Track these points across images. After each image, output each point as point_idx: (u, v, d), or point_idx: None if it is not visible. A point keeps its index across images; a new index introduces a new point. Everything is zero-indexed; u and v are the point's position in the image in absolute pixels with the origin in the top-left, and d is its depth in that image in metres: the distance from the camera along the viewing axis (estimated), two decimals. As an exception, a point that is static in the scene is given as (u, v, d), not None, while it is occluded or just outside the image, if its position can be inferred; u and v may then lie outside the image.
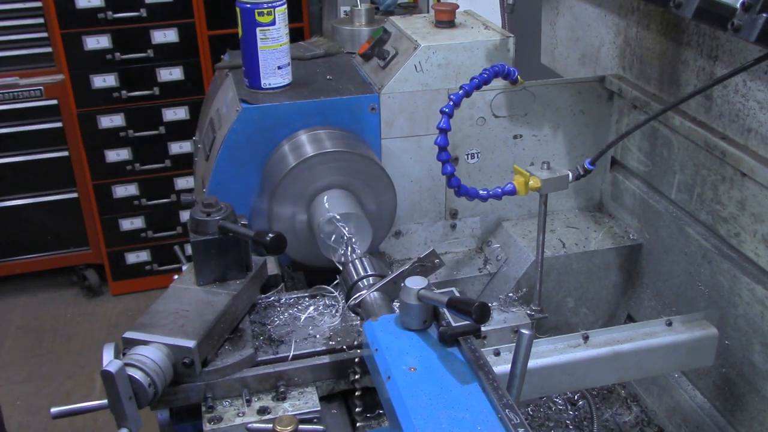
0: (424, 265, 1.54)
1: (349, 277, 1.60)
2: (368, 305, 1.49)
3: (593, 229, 2.11)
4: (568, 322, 2.07)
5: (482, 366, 1.23)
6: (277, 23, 1.93)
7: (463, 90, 1.70)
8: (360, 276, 1.57)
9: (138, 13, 4.10)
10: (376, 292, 1.51)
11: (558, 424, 1.84)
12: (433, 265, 1.54)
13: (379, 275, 1.57)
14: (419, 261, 1.53)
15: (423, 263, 1.54)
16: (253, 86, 1.99)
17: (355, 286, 1.56)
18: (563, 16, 2.39)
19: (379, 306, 1.47)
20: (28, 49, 4.18)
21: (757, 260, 1.58)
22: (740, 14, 1.29)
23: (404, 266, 1.53)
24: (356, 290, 1.55)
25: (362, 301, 1.50)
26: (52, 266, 4.59)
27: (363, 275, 1.58)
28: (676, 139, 1.82)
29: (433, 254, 1.54)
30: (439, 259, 1.55)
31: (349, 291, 1.57)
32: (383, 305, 1.48)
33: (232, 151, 1.93)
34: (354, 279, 1.58)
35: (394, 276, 1.51)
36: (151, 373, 1.37)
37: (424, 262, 1.54)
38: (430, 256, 1.54)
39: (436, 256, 1.54)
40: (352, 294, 1.55)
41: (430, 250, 1.55)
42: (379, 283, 1.52)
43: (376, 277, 1.56)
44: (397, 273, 1.51)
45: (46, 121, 4.23)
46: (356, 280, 1.57)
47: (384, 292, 1.51)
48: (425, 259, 1.54)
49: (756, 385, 1.61)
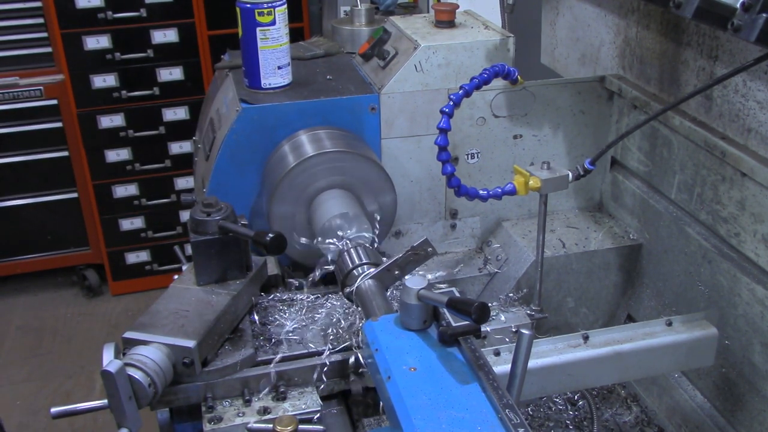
0: (417, 253, 1.57)
1: (344, 265, 1.62)
2: (363, 293, 1.52)
3: (593, 229, 2.11)
4: (568, 322, 2.07)
5: (482, 366, 1.23)
6: (277, 23, 1.93)
7: (463, 90, 1.70)
8: (355, 264, 1.60)
9: (138, 13, 4.10)
10: (371, 280, 1.54)
11: (558, 424, 1.84)
12: (426, 253, 1.57)
13: (373, 263, 1.60)
14: (412, 249, 1.56)
15: (416, 251, 1.56)
16: (253, 86, 1.99)
17: (350, 274, 1.59)
18: (563, 16, 2.39)
19: (373, 293, 1.51)
20: (28, 49, 4.18)
21: (757, 260, 1.58)
22: (740, 14, 1.29)
23: (398, 255, 1.56)
24: (351, 278, 1.58)
25: (357, 289, 1.54)
26: (52, 266, 4.59)
27: (358, 263, 1.60)
28: (676, 139, 1.82)
29: (426, 243, 1.57)
30: (432, 248, 1.58)
31: (344, 279, 1.60)
32: (377, 293, 1.52)
33: (232, 151, 1.93)
34: (349, 267, 1.60)
35: (388, 264, 1.55)
36: (151, 373, 1.37)
37: (417, 250, 1.57)
38: (423, 245, 1.57)
39: (428, 244, 1.57)
40: (347, 282, 1.58)
41: (423, 239, 1.57)
42: (374, 271, 1.55)
43: (371, 266, 1.59)
44: (391, 261, 1.55)
45: (46, 121, 4.23)
46: (351, 269, 1.60)
47: (378, 280, 1.55)
48: (418, 247, 1.57)
49: (756, 385, 1.61)
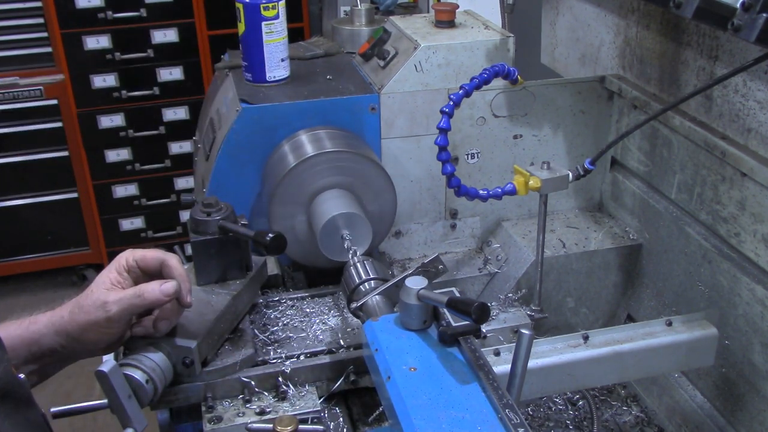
0: (427, 270, 1.51)
1: (350, 280, 1.56)
2: (370, 309, 1.47)
3: (593, 229, 2.11)
4: (568, 322, 2.07)
5: (482, 366, 1.23)
6: (280, 16, 1.98)
7: (463, 90, 1.70)
8: (362, 279, 1.54)
9: (138, 13, 4.10)
10: (378, 296, 1.48)
11: (558, 424, 1.84)
12: (436, 270, 1.52)
13: (381, 279, 1.54)
14: (423, 267, 1.51)
15: (426, 269, 1.51)
16: (258, 80, 2.02)
17: (356, 289, 1.53)
18: (563, 16, 2.39)
19: (381, 310, 1.46)
20: (28, 49, 4.18)
21: (757, 260, 1.58)
22: (740, 14, 1.29)
23: (407, 271, 1.49)
24: (358, 294, 1.52)
25: (364, 305, 1.48)
26: (52, 266, 4.59)
27: (365, 278, 1.54)
28: (676, 139, 1.82)
29: (437, 260, 1.52)
30: (443, 265, 1.52)
31: (351, 294, 1.54)
32: (385, 309, 1.46)
33: (232, 151, 1.93)
34: (356, 282, 1.54)
35: (396, 280, 1.48)
36: (149, 371, 1.37)
37: (428, 267, 1.51)
38: (434, 262, 1.51)
39: (440, 262, 1.52)
40: (353, 297, 1.53)
41: (434, 255, 1.52)
42: (382, 287, 1.49)
43: (378, 281, 1.53)
44: (400, 277, 1.46)
45: (46, 121, 4.24)
46: (358, 284, 1.54)
47: (386, 296, 1.49)
48: (429, 264, 1.51)
49: (756, 385, 1.61)
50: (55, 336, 1.38)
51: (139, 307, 1.38)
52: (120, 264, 1.43)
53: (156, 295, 1.36)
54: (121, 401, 1.30)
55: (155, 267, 1.43)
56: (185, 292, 1.40)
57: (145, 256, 1.43)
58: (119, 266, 1.43)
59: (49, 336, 1.38)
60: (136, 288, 1.38)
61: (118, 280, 1.41)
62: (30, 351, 1.39)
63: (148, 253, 1.44)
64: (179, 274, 1.41)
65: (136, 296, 1.36)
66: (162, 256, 1.43)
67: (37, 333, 1.38)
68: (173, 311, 1.42)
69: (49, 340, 1.38)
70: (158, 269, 1.43)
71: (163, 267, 1.42)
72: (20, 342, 1.36)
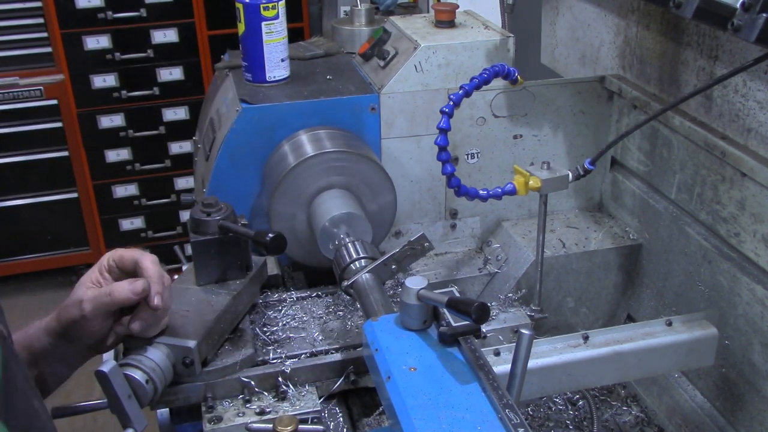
0: (414, 248, 1.57)
1: (341, 259, 1.63)
2: (360, 287, 1.53)
3: (593, 229, 2.11)
4: (568, 322, 2.07)
5: (482, 366, 1.23)
6: (280, 17, 1.99)
7: (463, 90, 1.70)
8: (352, 258, 1.61)
9: (138, 13, 4.11)
10: (368, 274, 1.55)
11: (558, 424, 1.84)
12: (422, 248, 1.58)
13: (370, 257, 1.61)
14: (409, 244, 1.57)
15: (413, 246, 1.57)
16: (258, 80, 2.02)
17: (347, 268, 1.60)
18: (563, 16, 2.39)
19: (371, 287, 1.52)
20: (28, 49, 4.18)
21: (757, 260, 1.58)
22: (740, 14, 1.29)
23: (395, 249, 1.57)
24: (348, 272, 1.59)
25: (354, 283, 1.54)
26: (52, 266, 4.59)
27: (355, 257, 1.61)
28: (676, 139, 1.82)
29: (423, 237, 1.58)
30: (429, 243, 1.58)
31: (342, 273, 1.61)
32: (375, 287, 1.53)
33: (232, 151, 1.93)
34: (346, 261, 1.61)
35: (385, 258, 1.56)
36: (149, 371, 1.37)
37: (414, 245, 1.57)
38: (420, 239, 1.57)
39: (425, 239, 1.58)
40: (344, 276, 1.59)
41: (420, 233, 1.58)
42: (371, 265, 1.56)
43: (368, 260, 1.60)
44: (388, 255, 1.56)
45: (46, 121, 4.24)
46: (348, 263, 1.61)
47: (375, 274, 1.56)
48: (415, 242, 1.57)
49: (756, 385, 1.61)
50: (46, 336, 1.41)
51: (110, 305, 1.37)
52: (102, 264, 1.44)
53: (125, 293, 1.36)
54: (121, 401, 1.30)
55: (131, 267, 1.42)
56: (153, 293, 1.37)
57: (123, 256, 1.43)
58: (101, 266, 1.44)
59: (41, 338, 1.41)
60: (107, 287, 1.38)
61: (99, 279, 1.42)
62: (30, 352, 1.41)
63: (126, 252, 1.43)
64: (150, 274, 1.38)
65: (106, 294, 1.36)
66: (137, 256, 1.42)
67: (32, 336, 1.42)
68: (148, 312, 1.40)
69: (41, 341, 1.41)
70: (134, 269, 1.42)
71: (137, 266, 1.41)
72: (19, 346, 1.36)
